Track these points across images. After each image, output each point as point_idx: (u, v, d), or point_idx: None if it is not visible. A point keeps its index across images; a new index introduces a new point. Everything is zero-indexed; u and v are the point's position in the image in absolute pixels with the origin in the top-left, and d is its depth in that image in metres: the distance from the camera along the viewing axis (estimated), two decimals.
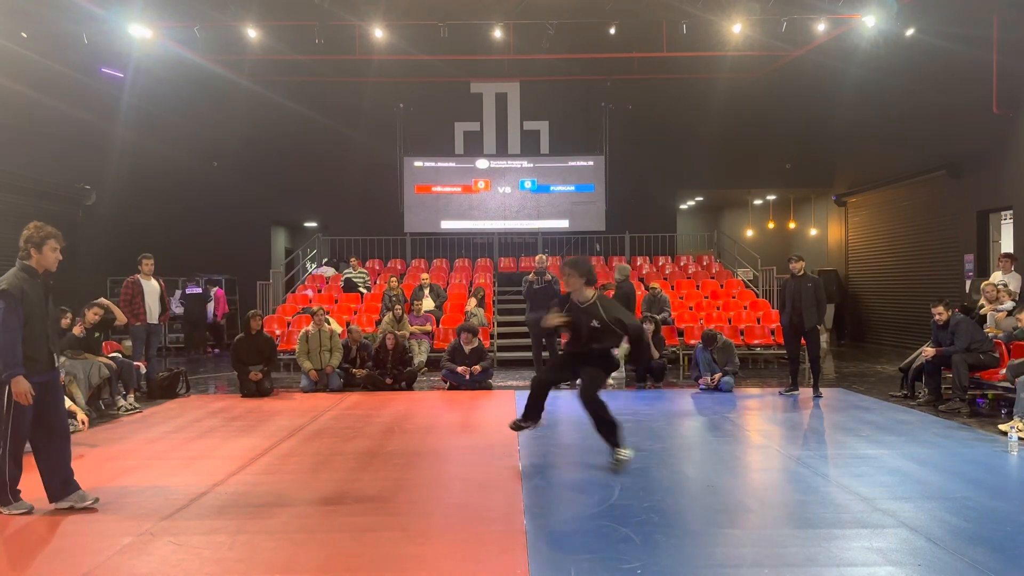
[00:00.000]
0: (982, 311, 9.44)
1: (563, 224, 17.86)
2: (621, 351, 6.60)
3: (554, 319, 5.65)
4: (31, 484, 4.89)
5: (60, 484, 4.82)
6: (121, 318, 8.81)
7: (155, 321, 9.81)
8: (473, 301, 13.40)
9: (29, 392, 4.54)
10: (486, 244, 18.02)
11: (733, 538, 4.19)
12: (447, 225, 17.81)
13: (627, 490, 5.11)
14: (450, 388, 10.27)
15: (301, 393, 10.03)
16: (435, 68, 17.39)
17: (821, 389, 9.39)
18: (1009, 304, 9.20)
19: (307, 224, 20.45)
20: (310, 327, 10.49)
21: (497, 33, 15.46)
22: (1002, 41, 12.14)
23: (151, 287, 9.77)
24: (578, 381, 5.78)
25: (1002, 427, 6.96)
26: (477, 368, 10.17)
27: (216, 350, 16.28)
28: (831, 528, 4.32)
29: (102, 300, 8.89)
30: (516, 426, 6.03)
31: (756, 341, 12.80)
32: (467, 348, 10.32)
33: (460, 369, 10.16)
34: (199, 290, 15.98)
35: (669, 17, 15.19)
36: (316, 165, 17.87)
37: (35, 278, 4.76)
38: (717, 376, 9.85)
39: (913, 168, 14.76)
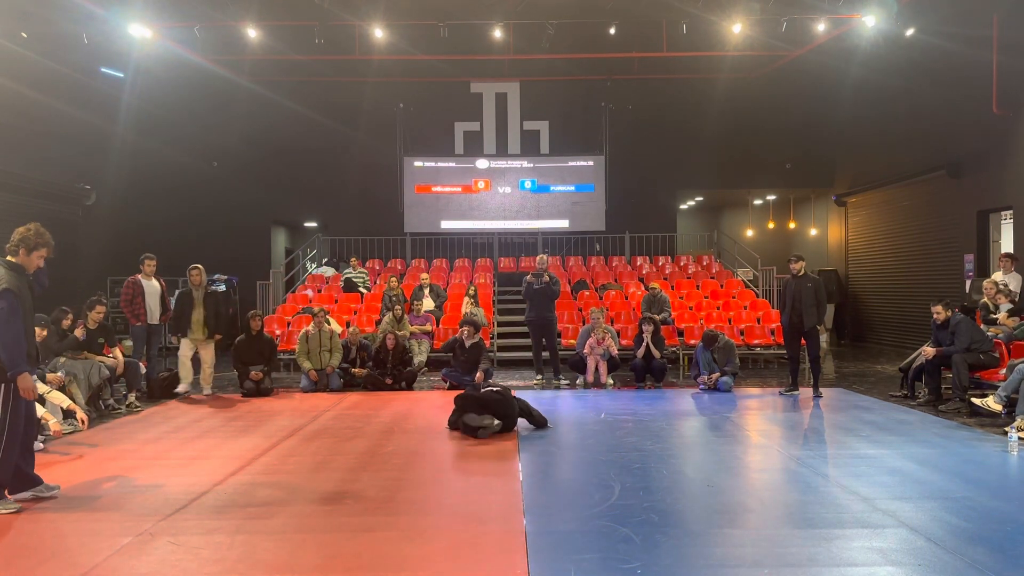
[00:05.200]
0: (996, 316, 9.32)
1: (563, 224, 17.86)
2: None
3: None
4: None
5: (28, 474, 4.91)
6: (120, 371, 8.72)
7: (155, 322, 9.82)
8: (467, 300, 13.36)
9: (34, 388, 4.61)
10: (486, 244, 18.01)
11: (733, 538, 4.19)
12: (447, 225, 17.81)
13: (627, 490, 5.11)
14: (450, 388, 10.26)
15: (301, 393, 10.04)
16: (435, 68, 17.38)
17: (821, 389, 9.40)
18: (1007, 305, 9.19)
19: (307, 224, 20.45)
20: (310, 327, 10.49)
21: (497, 33, 15.45)
22: (1002, 41, 12.13)
23: (152, 287, 9.77)
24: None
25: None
26: (480, 376, 9.92)
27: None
28: (831, 528, 4.32)
29: (118, 350, 8.85)
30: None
31: (756, 341, 12.79)
32: (468, 342, 10.28)
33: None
34: None
35: (669, 17, 15.18)
36: (316, 165, 17.86)
37: (22, 275, 4.78)
38: (715, 376, 9.85)
39: (913, 168, 14.76)
